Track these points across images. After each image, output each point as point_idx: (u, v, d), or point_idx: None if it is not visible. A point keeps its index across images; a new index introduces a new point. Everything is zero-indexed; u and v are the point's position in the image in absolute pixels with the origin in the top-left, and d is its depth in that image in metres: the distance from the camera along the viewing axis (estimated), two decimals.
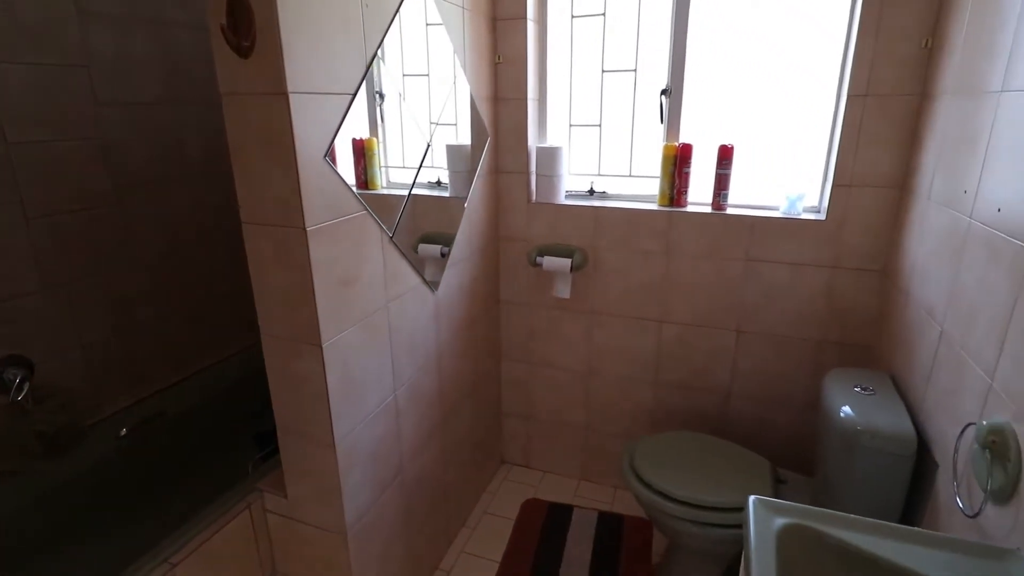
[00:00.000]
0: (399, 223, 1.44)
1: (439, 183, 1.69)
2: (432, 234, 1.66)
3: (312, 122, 1.11)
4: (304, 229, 1.12)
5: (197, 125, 1.99)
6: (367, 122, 1.36)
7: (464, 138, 1.79)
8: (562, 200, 2.02)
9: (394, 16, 1.33)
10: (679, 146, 1.81)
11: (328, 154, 1.16)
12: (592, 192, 2.06)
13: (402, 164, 1.54)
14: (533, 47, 1.91)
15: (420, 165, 1.55)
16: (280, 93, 1.04)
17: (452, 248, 1.75)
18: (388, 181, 1.52)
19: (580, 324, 2.11)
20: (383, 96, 1.41)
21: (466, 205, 1.83)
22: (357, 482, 1.39)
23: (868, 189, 1.65)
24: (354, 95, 1.22)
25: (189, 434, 1.96)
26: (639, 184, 2.01)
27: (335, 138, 1.17)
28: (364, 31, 1.23)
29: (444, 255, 1.71)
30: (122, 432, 1.75)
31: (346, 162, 1.22)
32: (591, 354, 2.13)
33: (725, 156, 1.77)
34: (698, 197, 1.89)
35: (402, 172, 1.54)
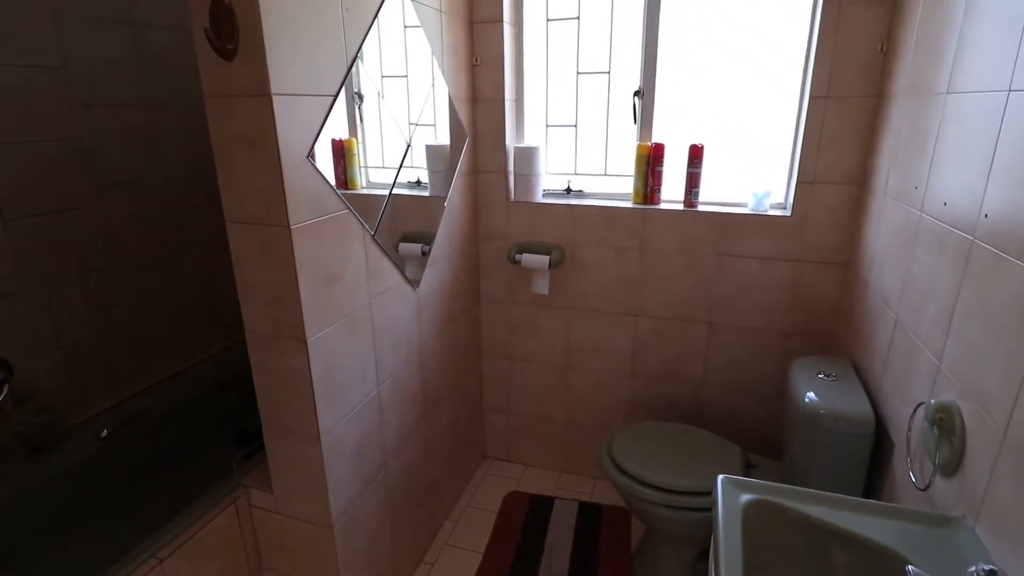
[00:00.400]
0: (380, 222, 1.47)
1: (419, 183, 1.72)
2: (413, 233, 1.69)
3: (295, 123, 1.14)
4: (288, 227, 1.15)
5: (175, 126, 1.99)
6: (346, 123, 1.39)
7: (443, 138, 1.83)
8: (540, 199, 2.07)
9: (374, 19, 1.37)
10: (652, 146, 1.88)
11: (310, 154, 1.19)
12: (569, 191, 2.11)
13: (382, 164, 1.57)
14: (510, 49, 1.96)
15: (400, 165, 1.59)
16: (264, 95, 1.07)
17: (433, 247, 1.79)
18: (368, 181, 1.55)
19: (559, 320, 2.16)
20: (362, 97, 1.44)
21: (446, 204, 1.86)
22: (342, 476, 1.42)
23: (830, 186, 1.73)
24: (335, 96, 1.25)
25: (171, 435, 1.96)
26: (614, 183, 2.07)
27: (317, 138, 1.20)
28: (344, 34, 1.27)
29: (425, 253, 1.75)
30: (103, 433, 1.74)
31: (326, 162, 1.25)
32: (570, 349, 2.19)
33: (696, 155, 1.84)
34: (671, 195, 1.95)
35: (382, 172, 1.57)
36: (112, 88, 1.79)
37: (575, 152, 2.09)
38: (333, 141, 1.29)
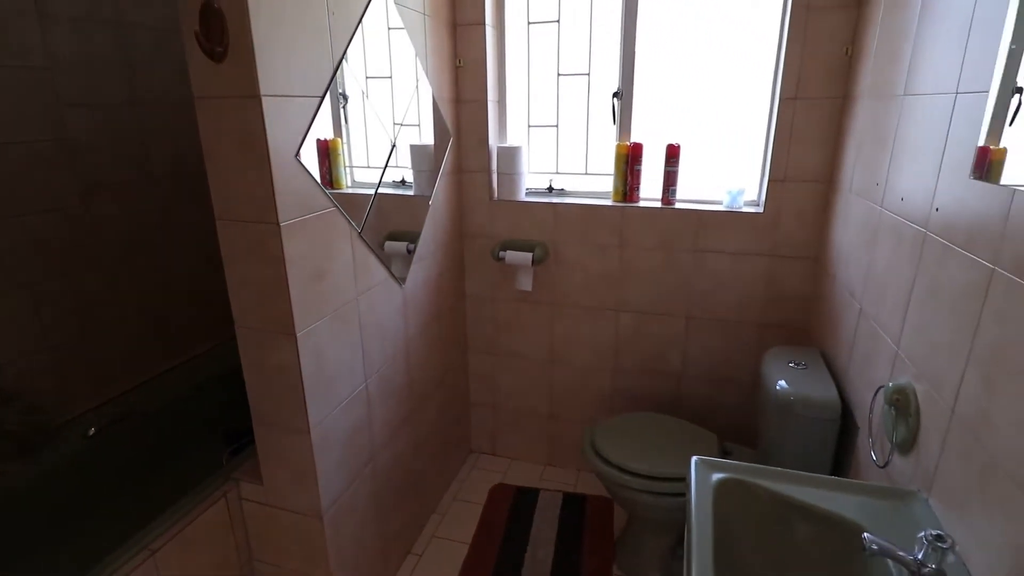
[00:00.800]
0: (367, 220, 1.51)
1: (403, 182, 1.76)
2: (398, 231, 1.73)
3: (283, 123, 1.17)
4: (278, 225, 1.18)
5: (163, 127, 2.00)
6: (331, 123, 1.43)
7: (427, 138, 1.87)
8: (523, 197, 2.12)
9: (359, 21, 1.41)
10: (630, 145, 1.94)
11: (298, 153, 1.22)
12: (551, 189, 2.17)
13: (367, 164, 1.61)
14: (492, 51, 2.01)
15: (386, 164, 1.62)
16: (253, 96, 1.10)
17: (418, 244, 1.83)
18: (353, 180, 1.58)
19: (542, 315, 2.21)
20: (347, 98, 1.48)
21: (430, 203, 1.90)
22: (331, 468, 1.45)
23: (800, 184, 1.80)
24: (323, 97, 1.29)
25: (158, 433, 1.97)
26: (595, 181, 2.13)
27: (305, 138, 1.24)
28: (331, 36, 1.30)
29: (410, 251, 1.79)
30: (91, 432, 1.75)
31: (311, 162, 1.28)
32: (553, 344, 2.24)
33: (673, 154, 1.90)
34: (649, 193, 2.02)
35: (367, 172, 1.60)
36: (98, 88, 1.80)
37: (556, 151, 2.15)
38: (318, 141, 1.32)
